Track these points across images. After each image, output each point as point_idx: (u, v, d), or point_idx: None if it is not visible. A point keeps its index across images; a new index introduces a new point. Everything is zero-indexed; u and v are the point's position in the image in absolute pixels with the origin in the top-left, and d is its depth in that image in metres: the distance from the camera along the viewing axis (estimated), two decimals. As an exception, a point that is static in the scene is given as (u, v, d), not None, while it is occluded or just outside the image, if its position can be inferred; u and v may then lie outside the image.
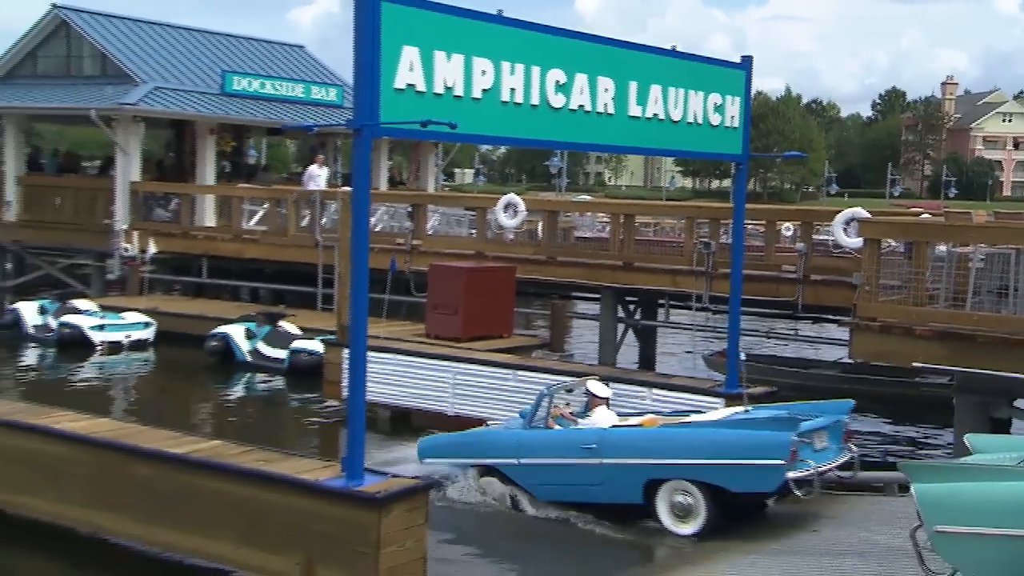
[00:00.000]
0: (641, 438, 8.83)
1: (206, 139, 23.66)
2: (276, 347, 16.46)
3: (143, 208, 22.33)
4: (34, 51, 25.27)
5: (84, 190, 23.26)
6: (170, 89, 23.47)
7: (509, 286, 15.59)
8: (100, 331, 17.78)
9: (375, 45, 7.19)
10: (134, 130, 22.23)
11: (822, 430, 8.66)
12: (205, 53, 26.15)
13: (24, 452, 8.67)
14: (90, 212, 22.69)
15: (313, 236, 19.55)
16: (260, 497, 7.52)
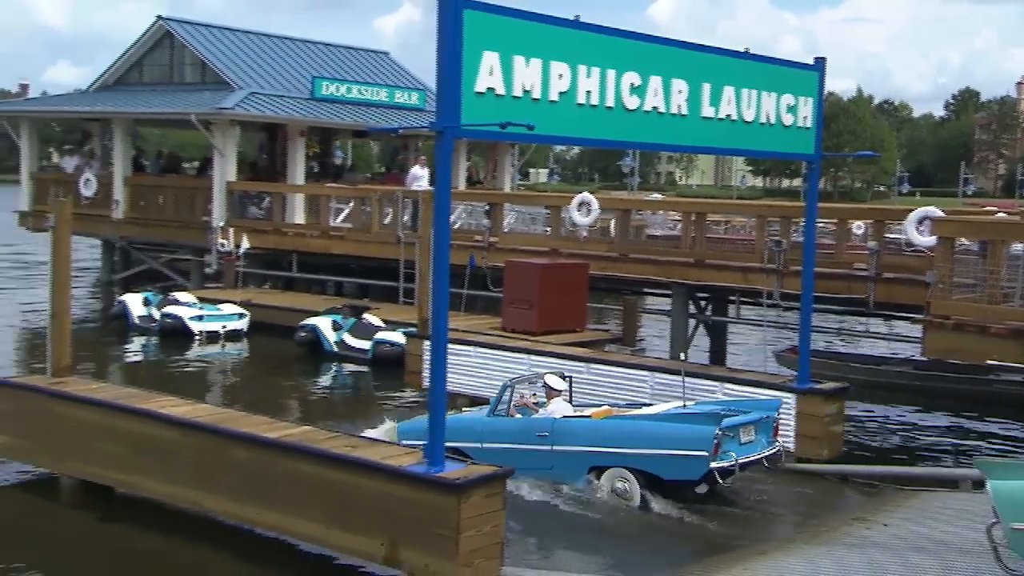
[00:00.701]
0: (586, 429, 9.43)
1: (296, 141, 24.15)
2: (361, 338, 16.74)
3: (238, 206, 22.89)
4: (140, 60, 26.16)
5: (184, 189, 23.95)
6: (264, 94, 24.04)
7: (582, 282, 15.59)
8: (199, 322, 18.31)
9: (457, 51, 7.27)
10: (230, 133, 22.80)
11: (749, 425, 9.35)
12: (296, 60, 26.71)
13: (133, 435, 9.01)
14: (190, 210, 23.36)
15: (395, 233, 19.81)
16: (347, 480, 7.69)
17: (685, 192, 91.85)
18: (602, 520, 8.98)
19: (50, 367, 10.08)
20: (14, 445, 9.89)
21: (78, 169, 25.99)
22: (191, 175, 26.53)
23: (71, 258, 10.15)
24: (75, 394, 9.57)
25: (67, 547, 8.51)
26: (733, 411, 9.48)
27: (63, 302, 10.00)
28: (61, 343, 10.01)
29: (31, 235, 26.63)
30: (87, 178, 24.73)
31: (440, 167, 7.72)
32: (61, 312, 9.97)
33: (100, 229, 24.29)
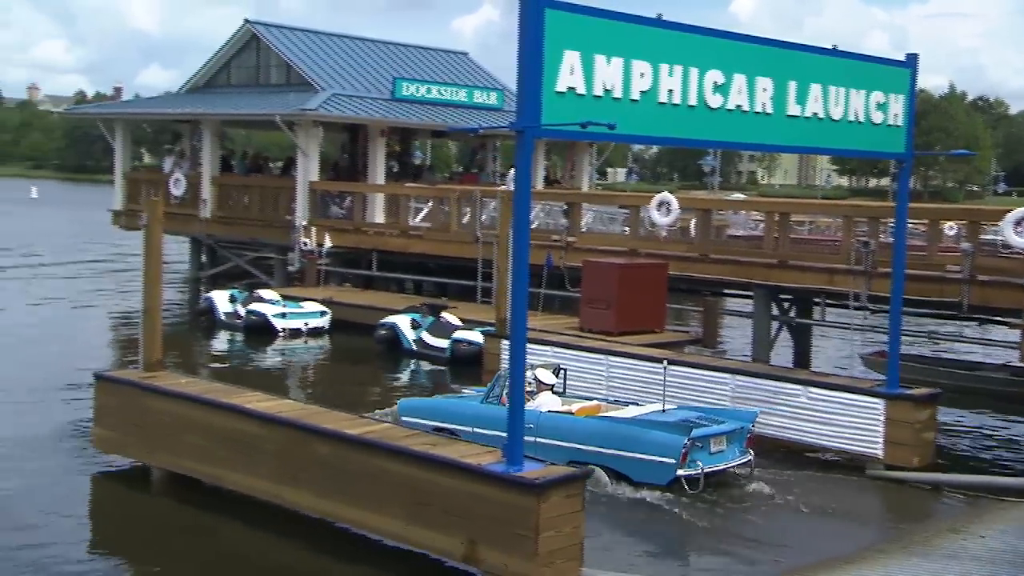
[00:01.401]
0: (567, 425, 9.96)
1: (377, 141, 24.47)
2: (439, 337, 16.85)
3: (320, 206, 23.29)
4: (228, 63, 26.86)
5: (269, 189, 24.50)
6: (346, 95, 24.42)
7: (662, 282, 15.41)
8: (282, 319, 18.69)
9: (538, 51, 7.25)
10: (313, 133, 23.23)
11: (720, 436, 9.83)
12: (378, 61, 27.09)
13: (219, 428, 9.24)
14: (274, 209, 23.88)
15: (473, 232, 19.90)
16: (426, 478, 7.74)
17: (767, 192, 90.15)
18: (681, 527, 8.85)
19: (142, 361, 10.39)
20: (110, 437, 10.24)
21: (172, 169, 26.76)
22: (275, 175, 27.12)
23: (162, 256, 10.45)
24: (165, 388, 9.85)
25: (154, 536, 8.77)
26: (707, 420, 9.98)
27: (155, 299, 10.30)
28: (152, 338, 10.31)
29: (125, 233, 27.63)
30: (177, 178, 25.48)
31: (520, 167, 7.72)
32: (152, 308, 10.26)
33: (189, 228, 25.01)
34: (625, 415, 10.16)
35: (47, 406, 13.04)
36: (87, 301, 23.30)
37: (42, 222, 46.85)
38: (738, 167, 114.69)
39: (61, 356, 16.58)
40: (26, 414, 12.62)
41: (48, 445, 11.25)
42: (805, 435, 11.15)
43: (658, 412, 10.21)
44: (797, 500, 9.49)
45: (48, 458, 10.76)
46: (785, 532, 8.72)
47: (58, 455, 10.87)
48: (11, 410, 12.85)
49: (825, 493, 9.72)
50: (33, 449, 11.09)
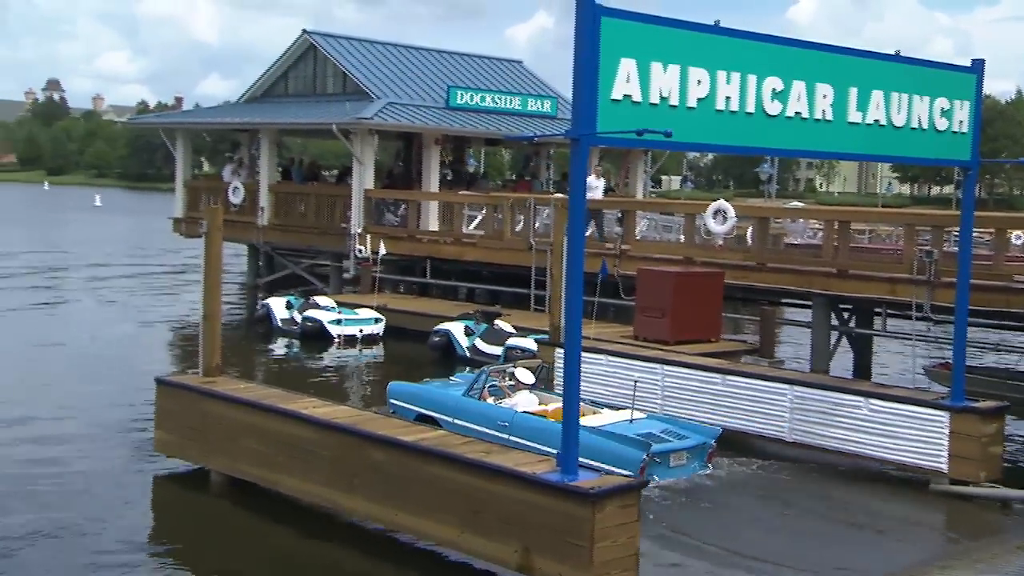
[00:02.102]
0: (536, 427, 10.26)
1: (431, 149, 24.66)
2: (492, 344, 16.90)
3: (375, 213, 23.52)
4: (286, 72, 27.33)
5: (324, 197, 24.79)
6: (401, 104, 24.68)
7: (718, 291, 15.25)
8: (338, 325, 18.91)
9: (594, 58, 7.24)
10: (369, 142, 23.49)
11: (680, 451, 10.04)
12: (432, 70, 27.31)
13: (275, 434, 9.37)
14: (329, 217, 24.17)
15: (527, 240, 19.91)
16: (480, 486, 7.76)
17: (826, 200, 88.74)
18: (739, 541, 8.75)
19: (201, 367, 10.59)
20: (170, 440, 10.45)
21: (231, 177, 27.25)
22: (331, 183, 27.48)
23: (222, 263, 10.65)
24: (224, 393, 10.01)
25: (211, 538, 8.93)
26: (670, 435, 10.16)
27: (214, 305, 10.49)
28: (212, 344, 10.50)
29: (185, 240, 28.20)
30: (235, 186, 25.95)
31: (575, 175, 7.71)
32: (212, 314, 10.46)
33: (246, 235, 25.44)
34: (594, 422, 10.27)
35: (110, 409, 13.36)
36: (148, 307, 23.82)
37: (105, 229, 48.10)
38: (796, 174, 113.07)
39: (124, 360, 16.97)
40: (90, 416, 12.94)
41: (111, 446, 11.53)
42: (866, 448, 10.94)
43: (625, 423, 10.34)
44: (857, 514, 9.28)
45: (110, 459, 11.03)
46: (845, 547, 8.54)
47: (120, 456, 11.14)
48: (76, 412, 13.19)
49: (887, 508, 9.50)
50: (96, 449, 11.39)
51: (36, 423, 12.51)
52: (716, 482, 10.31)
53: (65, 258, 33.98)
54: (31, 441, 11.67)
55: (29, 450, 11.33)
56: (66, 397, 13.95)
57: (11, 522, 8.94)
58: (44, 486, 10.08)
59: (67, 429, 12.24)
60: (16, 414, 12.83)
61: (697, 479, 10.14)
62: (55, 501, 9.62)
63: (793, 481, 10.72)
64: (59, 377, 15.38)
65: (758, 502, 9.94)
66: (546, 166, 30.12)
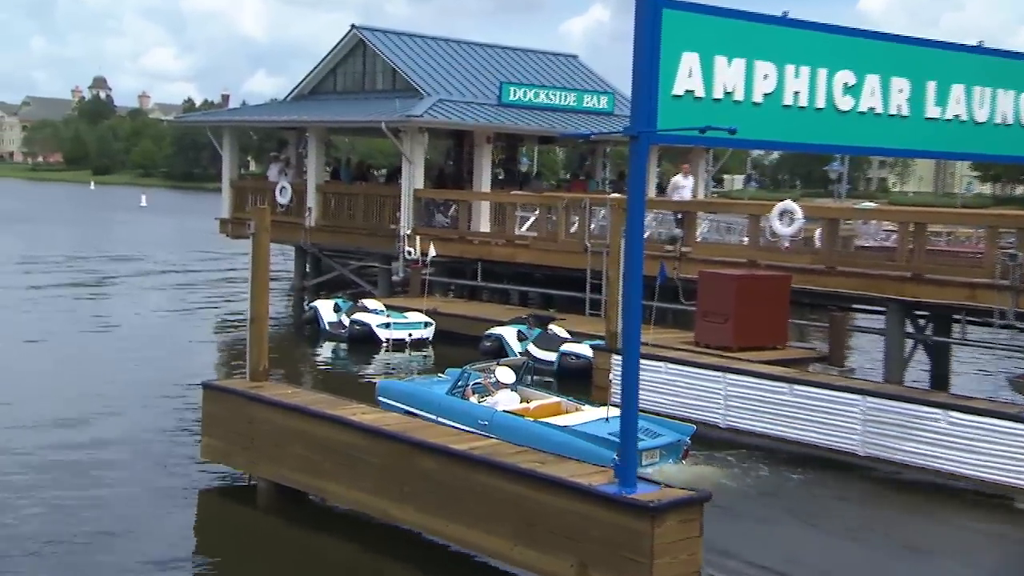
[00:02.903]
0: (515, 426, 10.72)
1: (483, 147, 24.74)
2: (546, 350, 16.88)
3: (425, 214, 23.68)
4: (334, 69, 27.65)
5: (373, 197, 25.00)
6: (452, 101, 24.79)
7: (783, 295, 15.05)
8: (386, 329, 19.05)
9: (655, 52, 7.20)
10: (419, 140, 23.65)
11: (654, 449, 10.52)
12: (484, 65, 27.40)
13: (323, 440, 9.47)
14: (378, 217, 24.37)
15: (582, 242, 19.87)
16: (534, 497, 7.74)
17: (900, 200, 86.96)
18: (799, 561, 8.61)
19: (248, 371, 10.74)
20: (216, 446, 10.61)
21: (278, 177, 27.61)
22: (380, 183, 27.73)
23: (270, 265, 10.80)
24: (270, 398, 10.14)
25: (257, 547, 9.04)
26: (644, 433, 10.26)
27: (262, 308, 10.62)
28: (259, 347, 10.64)
29: (231, 242, 28.67)
30: (282, 186, 26.32)
31: (634, 174, 7.67)
32: (259, 317, 10.59)
33: (294, 236, 25.73)
34: (568, 421, 10.89)
35: (156, 412, 13.65)
36: (195, 309, 24.29)
37: (151, 230, 49.18)
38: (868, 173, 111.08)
39: (170, 363, 17.31)
40: (136, 419, 13.22)
41: (156, 451, 11.77)
42: (945, 463, 10.70)
43: (600, 421, 10.80)
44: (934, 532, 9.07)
45: (155, 464, 11.26)
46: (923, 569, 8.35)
47: (165, 462, 11.36)
48: (122, 414, 13.48)
49: (968, 526, 9.28)
50: (141, 454, 11.63)
51: (82, 427, 12.81)
52: (774, 497, 10.17)
53: (111, 259, 34.78)
54: (76, 445, 11.94)
55: (74, 453, 11.60)
56: (112, 402, 14.24)
57: (48, 529, 9.11)
58: (84, 491, 10.31)
59: (112, 434, 12.51)
60: (62, 416, 13.16)
61: (753, 493, 10.00)
62: (95, 508, 9.80)
63: (866, 497, 10.53)
64: (105, 381, 15.73)
65: (825, 518, 9.77)
66: (602, 165, 30.04)
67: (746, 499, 10.07)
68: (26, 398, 14.24)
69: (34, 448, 11.72)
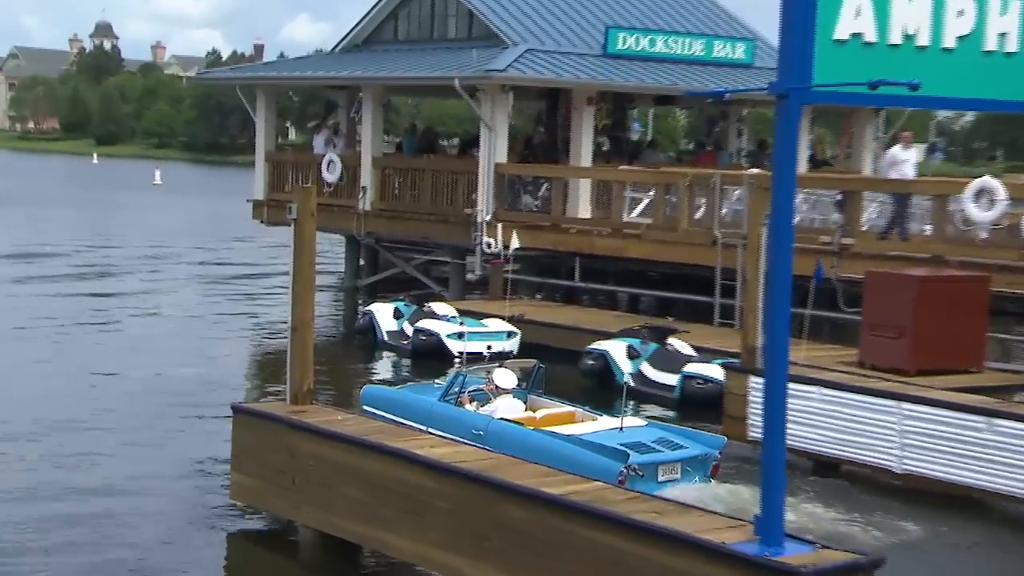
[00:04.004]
0: (511, 436, 11.60)
1: (583, 111, 24.82)
2: (664, 370, 16.87)
3: (508, 195, 23.90)
4: (395, 12, 28.09)
5: (444, 174, 25.31)
6: (544, 51, 24.91)
7: (981, 303, 14.82)
8: (459, 340, 19.20)
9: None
10: (501, 101, 23.85)
11: (673, 463, 11.34)
12: (585, 6, 27.38)
13: (384, 480, 9.65)
14: (450, 200, 24.70)
15: (710, 231, 19.80)
16: (649, 556, 7.79)
17: None
18: None
19: (289, 392, 11.02)
20: (249, 485, 10.91)
21: (324, 149, 28.06)
22: (452, 155, 28.04)
23: (315, 259, 11.07)
24: (316, 426, 10.38)
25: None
26: (663, 445, 11.53)
27: (306, 313, 10.89)
28: (303, 363, 10.90)
29: (268, 230, 29.29)
30: (330, 160, 26.81)
31: (782, 142, 7.65)
32: (303, 324, 10.86)
33: (344, 223, 26.20)
34: (578, 431, 11.77)
35: (178, 442, 14.10)
36: (222, 314, 24.91)
37: (167, 215, 50.53)
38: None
39: (196, 381, 17.80)
40: (155, 450, 13.67)
41: (176, 490, 12.15)
42: None
43: (613, 431, 11.74)
44: None
45: (175, 507, 11.61)
46: None
47: (187, 504, 11.71)
48: (139, 444, 13.92)
49: None
50: (158, 495, 12.01)
51: (92, 460, 13.29)
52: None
53: (120, 253, 35.87)
54: (82, 485, 12.38)
55: (79, 492, 12.05)
56: (125, 427, 14.75)
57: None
58: (94, 538, 10.70)
59: (124, 468, 12.94)
60: (68, 448, 13.65)
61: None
62: (104, 562, 10.10)
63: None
64: (115, 403, 16.26)
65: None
66: (737, 132, 29.84)
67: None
68: (24, 421, 14.79)
69: (33, 486, 12.21)
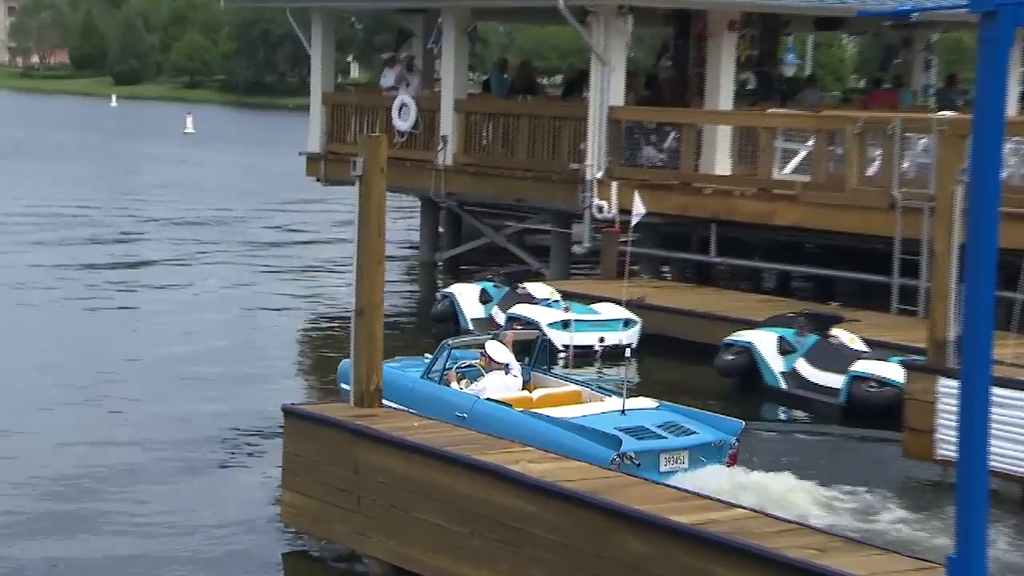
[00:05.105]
0: (499, 418, 12.53)
1: (721, 39, 24.56)
2: (826, 369, 16.68)
3: (626, 146, 23.78)
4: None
5: (543, 120, 25.29)
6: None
7: None
8: (563, 330, 19.25)
9: None
10: (617, 28, 23.70)
11: (678, 451, 12.38)
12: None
13: (470, 502, 9.72)
14: (551, 152, 24.66)
15: (886, 192, 19.51)
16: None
17: None
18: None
19: (353, 391, 11.13)
20: (305, 507, 11.06)
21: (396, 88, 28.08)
22: (554, 96, 27.95)
23: (385, 226, 11.10)
24: (387, 434, 10.51)
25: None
26: (669, 430, 12.59)
27: (373, 293, 10.99)
28: (370, 355, 11.01)
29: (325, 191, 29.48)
30: (403, 103, 26.90)
31: (985, 76, 7.46)
32: (370, 308, 10.97)
33: (419, 181, 26.29)
34: (571, 413, 12.80)
35: (216, 452, 14.36)
36: (271, 295, 25.23)
37: (201, 173, 51.19)
38: None
39: (236, 379, 18.18)
40: (195, 461, 13.98)
41: (217, 511, 12.38)
42: None
43: (613, 413, 12.75)
44: None
45: (216, 533, 11.80)
46: None
47: (230, 528, 11.90)
48: (178, 457, 14.18)
49: None
50: (195, 514, 12.24)
51: (118, 476, 13.59)
52: None
53: (144, 218, 36.46)
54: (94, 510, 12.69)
55: (103, 518, 12.37)
56: (154, 431, 15.09)
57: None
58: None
59: (155, 483, 13.24)
60: (89, 460, 14.00)
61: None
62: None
63: None
64: (143, 399, 16.68)
65: None
66: (924, 64, 29.30)
67: None
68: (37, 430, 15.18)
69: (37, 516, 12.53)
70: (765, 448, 14.05)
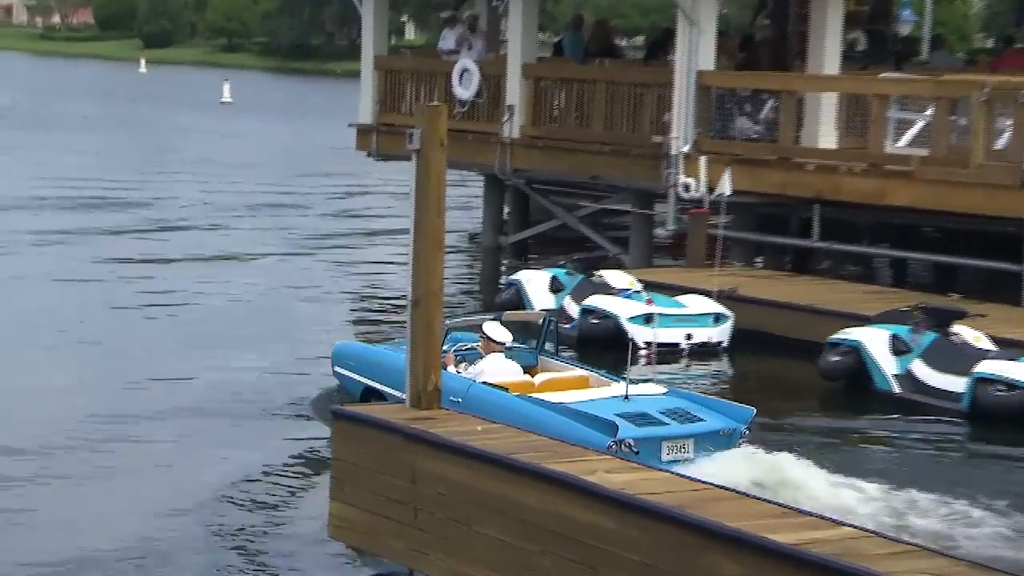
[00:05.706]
0: (494, 403, 13.15)
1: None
2: (946, 371, 16.59)
3: (716, 117, 23.73)
4: None
5: (623, 86, 25.25)
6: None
7: None
8: (645, 325, 19.22)
9: None
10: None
11: (681, 439, 13.12)
12: None
13: (541, 516, 9.69)
14: (632, 124, 24.65)
15: (1018, 168, 19.40)
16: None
17: None
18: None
19: (409, 391, 11.16)
20: (355, 520, 11.08)
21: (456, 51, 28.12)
22: (635, 60, 27.88)
23: (444, 205, 11.13)
24: (447, 439, 10.51)
25: None
26: (673, 417, 13.29)
27: (432, 281, 11.01)
28: (428, 350, 11.02)
29: (378, 166, 29.58)
30: (465, 68, 26.95)
31: None
32: (429, 297, 10.98)
33: (483, 156, 26.42)
34: (571, 399, 13.52)
35: (252, 454, 14.49)
36: (317, 280, 25.47)
37: (240, 146, 51.65)
38: None
39: (280, 373, 18.29)
40: (226, 469, 14.06)
41: (261, 524, 12.49)
42: None
43: (615, 399, 13.48)
44: None
45: (260, 546, 11.95)
46: None
47: (275, 542, 12.04)
48: (215, 461, 14.39)
49: None
50: (240, 528, 12.37)
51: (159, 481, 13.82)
52: None
53: (178, 195, 36.79)
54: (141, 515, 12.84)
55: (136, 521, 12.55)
56: (192, 432, 15.34)
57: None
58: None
59: (189, 492, 13.35)
60: (121, 461, 14.31)
61: None
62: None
63: None
64: (181, 397, 16.88)
65: None
66: None
67: None
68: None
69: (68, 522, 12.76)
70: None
